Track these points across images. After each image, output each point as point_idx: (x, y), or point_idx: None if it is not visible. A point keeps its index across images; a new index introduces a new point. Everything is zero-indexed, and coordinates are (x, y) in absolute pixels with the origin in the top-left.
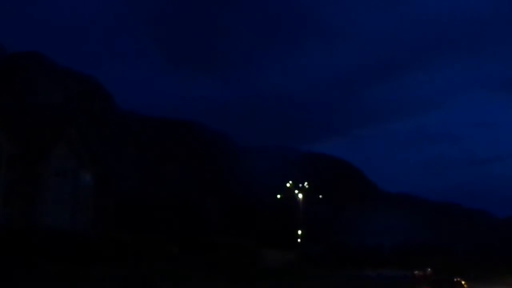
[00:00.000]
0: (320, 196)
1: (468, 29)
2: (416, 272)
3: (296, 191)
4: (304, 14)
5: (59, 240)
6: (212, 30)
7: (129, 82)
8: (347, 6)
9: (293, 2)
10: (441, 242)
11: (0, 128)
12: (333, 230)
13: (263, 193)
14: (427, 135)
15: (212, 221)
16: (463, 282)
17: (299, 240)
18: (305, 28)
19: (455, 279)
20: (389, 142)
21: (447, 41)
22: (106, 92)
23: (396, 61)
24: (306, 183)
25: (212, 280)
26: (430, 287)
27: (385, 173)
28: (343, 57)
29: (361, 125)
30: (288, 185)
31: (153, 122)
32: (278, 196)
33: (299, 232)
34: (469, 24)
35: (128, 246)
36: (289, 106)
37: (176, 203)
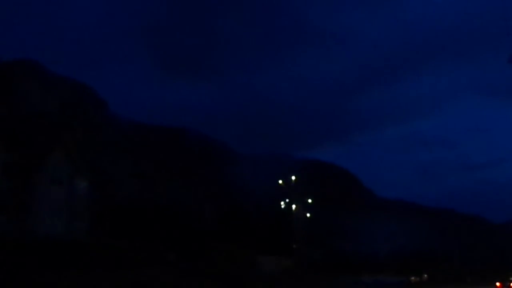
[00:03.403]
0: (310, 200)
1: (462, 35)
2: (412, 278)
3: (294, 206)
4: (299, 21)
5: (54, 247)
6: (207, 37)
7: (124, 89)
8: (343, 12)
9: (289, 9)
10: (437, 248)
11: None
12: (329, 236)
13: (260, 199)
14: (422, 141)
15: (209, 227)
16: None
17: (295, 246)
18: (300, 35)
19: (511, 278)
20: (384, 148)
21: (442, 47)
22: (100, 99)
23: (391, 67)
24: (294, 177)
25: (208, 286)
26: (500, 283)
27: (380, 179)
28: (339, 63)
29: (357, 131)
30: (280, 182)
31: (148, 129)
32: (282, 204)
33: (295, 238)
34: (463, 30)
35: (124, 253)
36: (285, 113)
37: (172, 210)
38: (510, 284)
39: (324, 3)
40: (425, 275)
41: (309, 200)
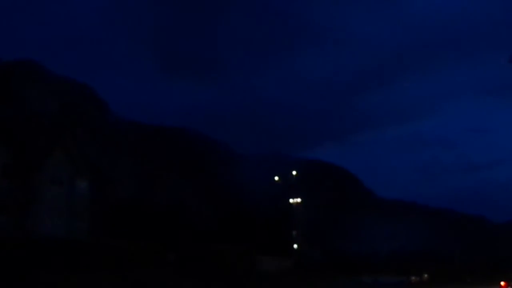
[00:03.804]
0: (310, 201)
1: (462, 34)
2: (412, 278)
3: (292, 200)
4: (298, 21)
5: (54, 248)
6: (207, 37)
7: (124, 90)
8: (342, 12)
9: (288, 9)
10: (438, 248)
11: None
12: (329, 236)
13: (259, 199)
14: (422, 140)
15: (208, 227)
16: None
17: (295, 246)
18: (300, 35)
19: None
20: (384, 148)
21: (442, 47)
22: (101, 100)
23: (391, 67)
24: (295, 172)
25: (208, 286)
26: (505, 282)
27: (380, 179)
28: (338, 63)
29: (357, 131)
30: (276, 178)
31: (148, 130)
32: (282, 204)
33: (295, 238)
34: (463, 30)
35: (124, 254)
36: (284, 113)
37: (172, 210)
38: None
39: (324, 3)
40: (425, 275)
41: (309, 200)
